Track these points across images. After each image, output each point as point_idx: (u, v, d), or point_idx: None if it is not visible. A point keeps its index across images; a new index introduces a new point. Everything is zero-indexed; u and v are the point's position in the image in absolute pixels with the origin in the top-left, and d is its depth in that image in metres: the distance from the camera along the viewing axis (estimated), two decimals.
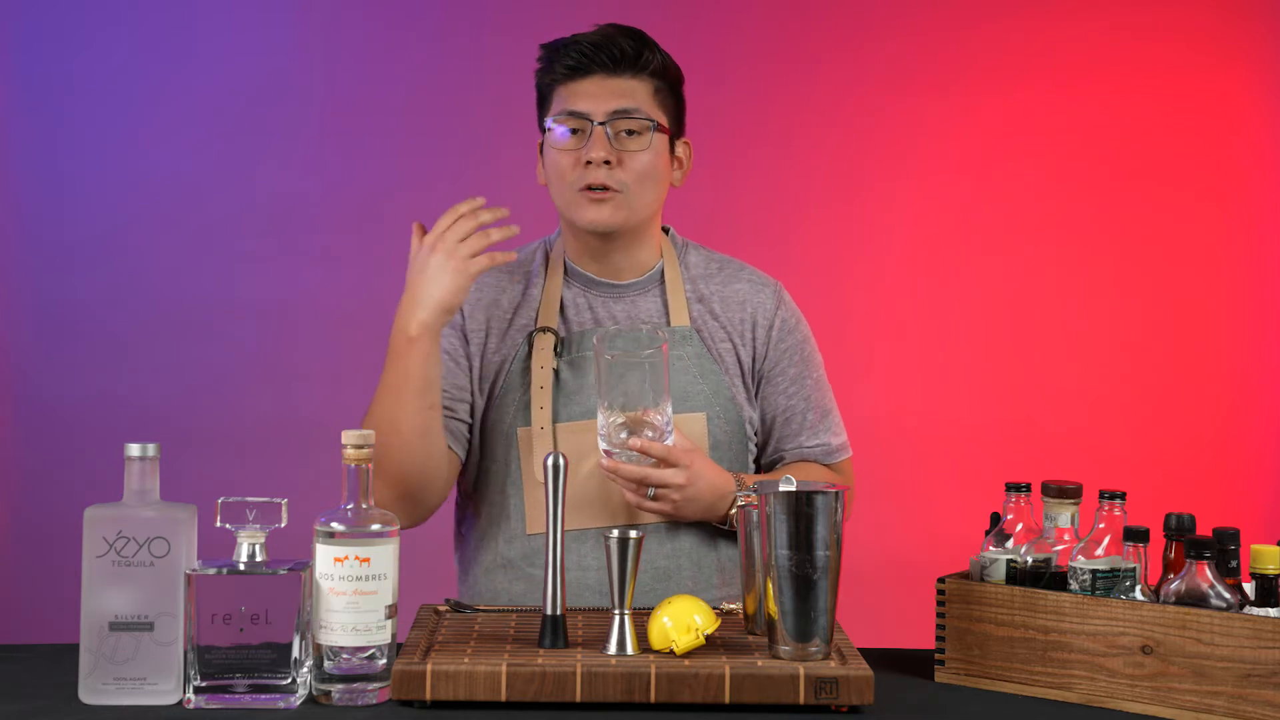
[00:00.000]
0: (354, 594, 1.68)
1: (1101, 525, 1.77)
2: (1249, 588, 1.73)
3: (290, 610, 1.67)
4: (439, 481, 2.12)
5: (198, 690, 1.67)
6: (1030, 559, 1.82)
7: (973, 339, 3.72)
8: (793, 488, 1.74)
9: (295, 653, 1.67)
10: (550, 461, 1.81)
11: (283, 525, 1.70)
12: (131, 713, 1.66)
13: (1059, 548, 1.82)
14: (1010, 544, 1.85)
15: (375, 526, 1.70)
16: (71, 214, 3.61)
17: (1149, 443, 3.68)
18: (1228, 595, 1.69)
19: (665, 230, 2.29)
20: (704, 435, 2.17)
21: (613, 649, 1.75)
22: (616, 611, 1.77)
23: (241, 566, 1.69)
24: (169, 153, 3.62)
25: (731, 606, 2.01)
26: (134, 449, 1.71)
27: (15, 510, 3.62)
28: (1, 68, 3.60)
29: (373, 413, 2.08)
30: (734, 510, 2.11)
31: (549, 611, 1.79)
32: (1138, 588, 1.74)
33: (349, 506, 1.71)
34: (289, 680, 1.68)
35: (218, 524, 1.69)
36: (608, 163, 2.12)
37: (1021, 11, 3.71)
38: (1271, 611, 1.67)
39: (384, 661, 1.70)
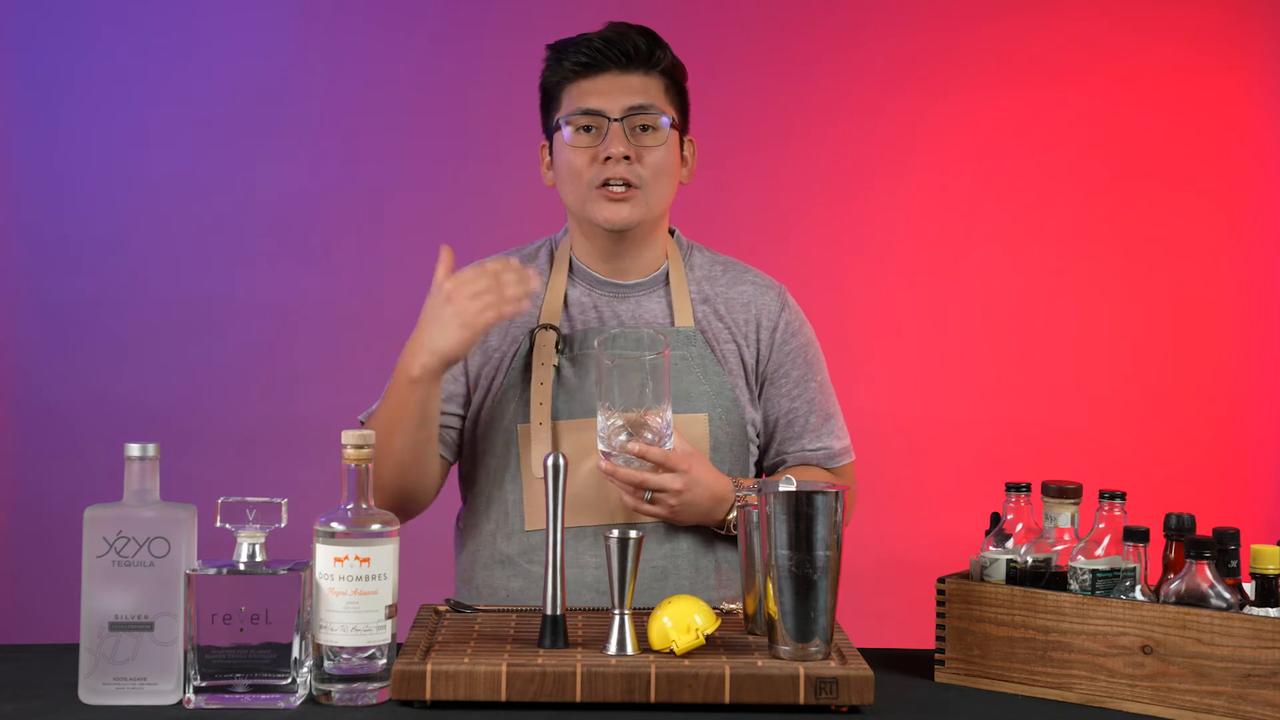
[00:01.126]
0: (354, 594, 1.68)
1: (1101, 525, 1.77)
2: (1249, 588, 1.73)
3: (290, 610, 1.67)
4: (428, 490, 2.19)
5: (198, 690, 1.67)
6: (1030, 559, 1.82)
7: (973, 339, 3.72)
8: (793, 487, 1.74)
9: (295, 653, 1.67)
10: (550, 461, 1.81)
11: (283, 525, 1.70)
12: (131, 713, 1.66)
13: (1059, 548, 1.82)
14: (1010, 544, 1.85)
15: (375, 526, 1.70)
16: (71, 214, 3.61)
17: (1149, 443, 3.68)
18: (1228, 595, 1.69)
19: (671, 232, 2.29)
20: (705, 436, 2.17)
21: (613, 649, 1.75)
22: (616, 611, 1.76)
23: (241, 566, 1.69)
24: (169, 153, 3.62)
25: (731, 606, 2.00)
26: (134, 449, 1.71)
27: (15, 510, 3.62)
28: (1, 68, 3.60)
29: (370, 428, 2.12)
30: (731, 516, 2.11)
31: (549, 611, 1.79)
32: (1138, 588, 1.74)
33: (349, 506, 1.71)
34: (289, 680, 1.68)
35: (218, 524, 1.69)
36: (627, 158, 2.13)
37: (1021, 11, 3.71)
38: (1271, 611, 1.67)
39: (384, 661, 1.70)
